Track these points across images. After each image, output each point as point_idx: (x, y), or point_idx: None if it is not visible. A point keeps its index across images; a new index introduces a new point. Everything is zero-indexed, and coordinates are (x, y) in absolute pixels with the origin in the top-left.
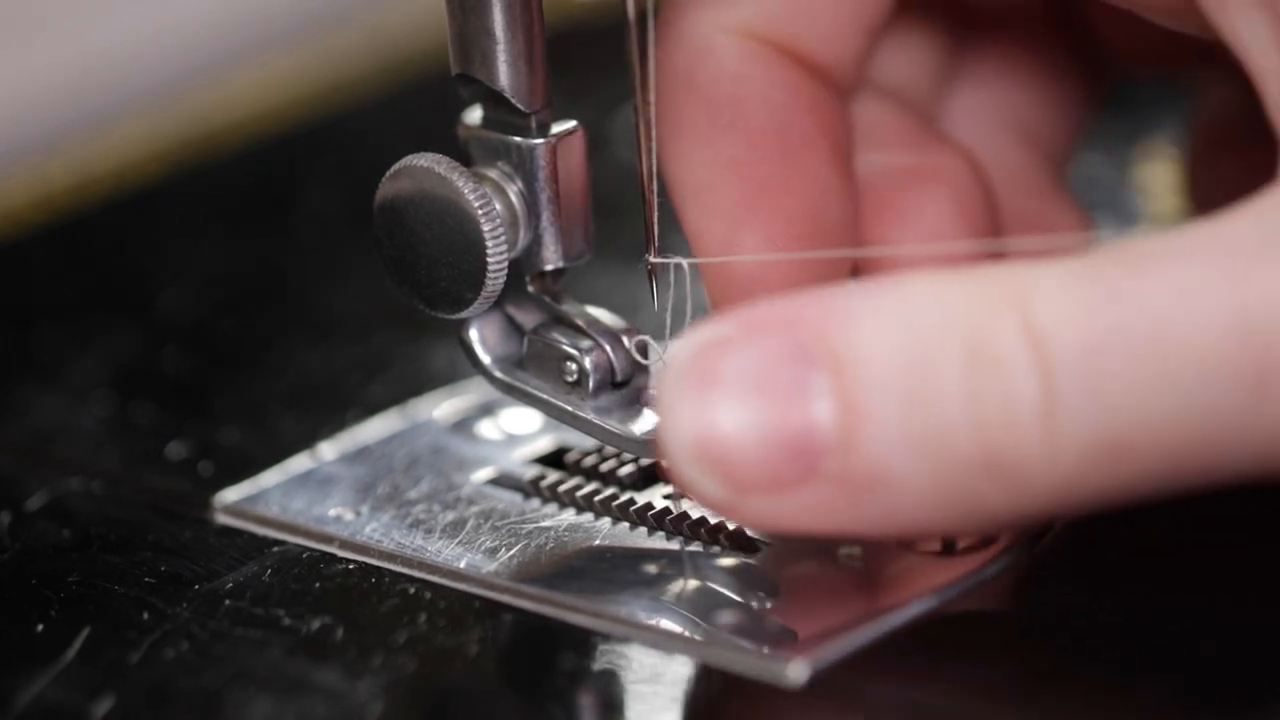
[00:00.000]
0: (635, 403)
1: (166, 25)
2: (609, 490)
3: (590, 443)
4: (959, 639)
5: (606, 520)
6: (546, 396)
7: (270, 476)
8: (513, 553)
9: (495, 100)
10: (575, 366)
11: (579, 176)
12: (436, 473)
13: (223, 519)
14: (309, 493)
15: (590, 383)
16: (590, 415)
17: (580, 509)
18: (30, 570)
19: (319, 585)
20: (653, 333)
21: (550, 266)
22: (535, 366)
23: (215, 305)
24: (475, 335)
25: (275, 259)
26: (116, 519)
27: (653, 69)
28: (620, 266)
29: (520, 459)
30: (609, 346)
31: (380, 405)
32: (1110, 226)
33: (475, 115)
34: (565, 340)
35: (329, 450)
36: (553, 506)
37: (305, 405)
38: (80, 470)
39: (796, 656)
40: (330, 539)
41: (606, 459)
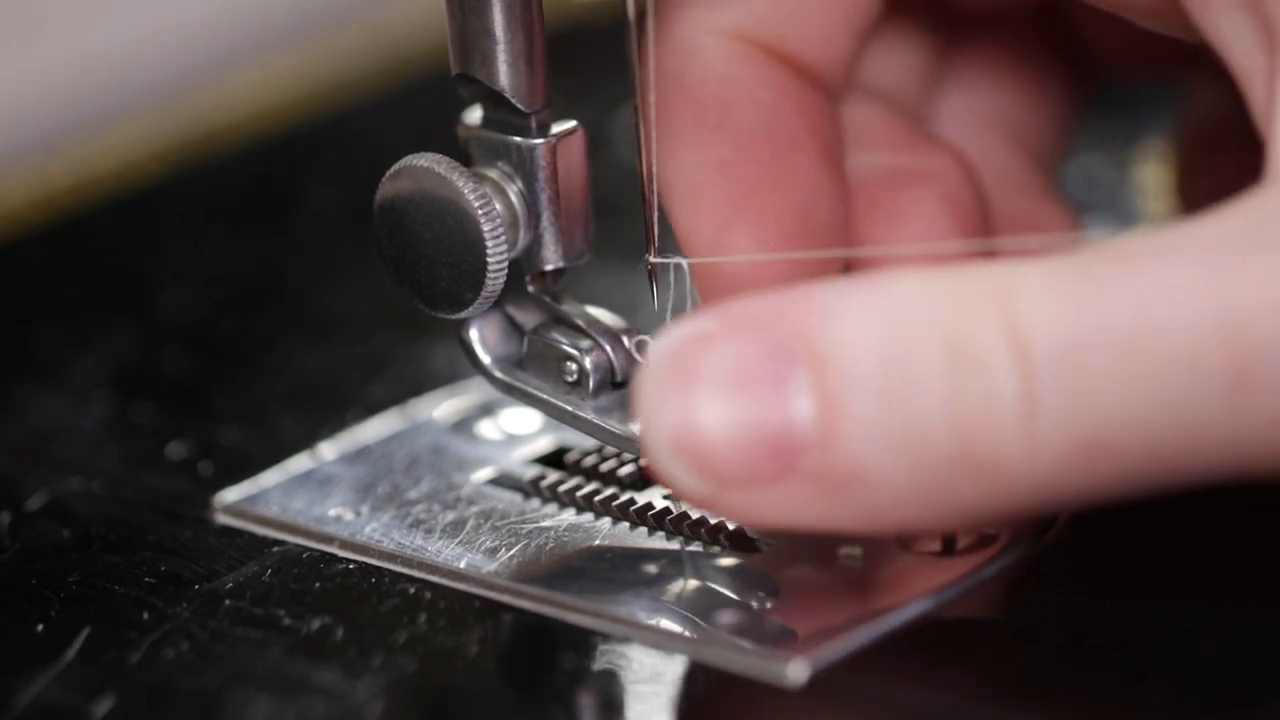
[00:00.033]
0: None
1: (166, 25)
2: (609, 490)
3: (590, 443)
4: (959, 639)
5: (606, 520)
6: (546, 396)
7: (270, 476)
8: (513, 553)
9: (495, 100)
10: (575, 366)
11: (579, 176)
12: (436, 473)
13: (223, 519)
14: (309, 493)
15: (590, 383)
16: (590, 415)
17: (580, 509)
18: (30, 570)
19: (319, 585)
20: (653, 332)
21: (550, 266)
22: (535, 366)
23: (215, 305)
24: (475, 335)
25: (275, 259)
26: (116, 519)
27: (653, 69)
28: (620, 266)
29: (520, 459)
30: (609, 346)
31: (380, 405)
32: (1110, 226)
33: (475, 115)
34: (565, 340)
35: (329, 450)
36: (553, 506)
37: (305, 405)
38: (80, 470)
39: (796, 656)
40: (330, 539)
41: (606, 459)
